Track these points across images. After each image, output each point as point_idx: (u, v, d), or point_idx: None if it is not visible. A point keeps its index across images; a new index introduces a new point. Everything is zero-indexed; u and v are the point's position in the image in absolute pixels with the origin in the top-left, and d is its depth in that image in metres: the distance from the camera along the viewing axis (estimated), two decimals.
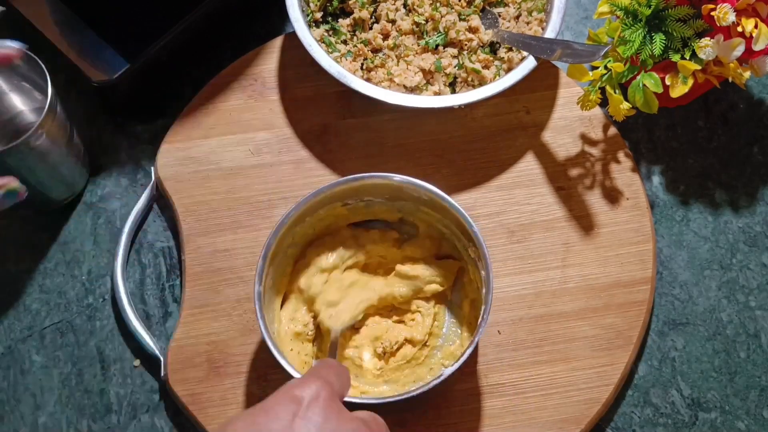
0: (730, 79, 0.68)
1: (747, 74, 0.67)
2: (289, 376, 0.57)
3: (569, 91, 0.74)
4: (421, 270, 0.66)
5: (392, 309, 0.68)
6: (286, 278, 0.66)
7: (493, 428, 0.64)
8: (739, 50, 0.65)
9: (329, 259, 0.66)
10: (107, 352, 0.68)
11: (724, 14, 0.63)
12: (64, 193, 0.71)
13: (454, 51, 0.73)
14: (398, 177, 0.64)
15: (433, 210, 0.65)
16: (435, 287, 0.66)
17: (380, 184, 0.65)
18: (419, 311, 0.67)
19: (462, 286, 0.68)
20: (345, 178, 0.64)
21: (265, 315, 0.60)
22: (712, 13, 0.64)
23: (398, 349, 0.66)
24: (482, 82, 0.72)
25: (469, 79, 0.72)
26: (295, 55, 0.74)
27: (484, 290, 0.61)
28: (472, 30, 0.73)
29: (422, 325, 0.66)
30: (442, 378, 0.57)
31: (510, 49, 0.73)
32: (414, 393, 0.57)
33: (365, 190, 0.65)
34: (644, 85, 0.66)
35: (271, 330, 0.60)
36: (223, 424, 0.50)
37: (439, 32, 0.73)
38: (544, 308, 0.67)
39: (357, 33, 0.74)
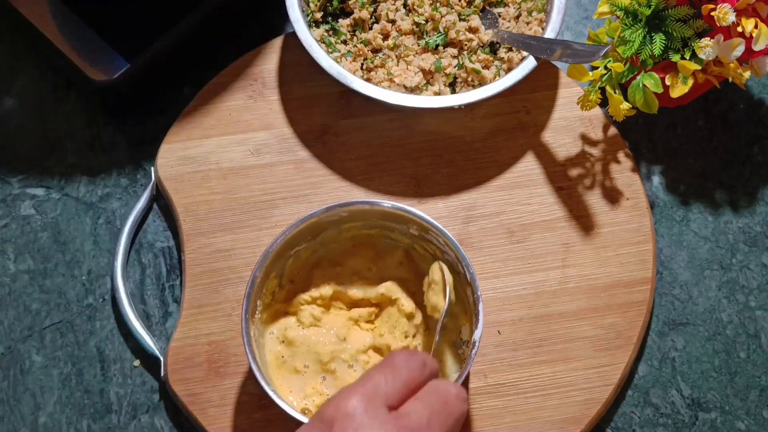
0: (730, 79, 0.68)
1: (747, 74, 0.67)
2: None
3: (569, 91, 0.74)
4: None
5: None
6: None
7: (493, 428, 0.64)
8: (739, 50, 0.65)
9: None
10: (107, 352, 0.68)
11: (724, 14, 0.63)
12: None
13: (454, 51, 0.73)
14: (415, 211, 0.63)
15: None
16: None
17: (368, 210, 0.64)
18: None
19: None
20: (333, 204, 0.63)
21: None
22: (712, 13, 0.64)
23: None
24: (482, 82, 0.72)
25: (469, 79, 0.72)
26: (295, 55, 0.74)
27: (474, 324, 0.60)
28: (472, 30, 0.73)
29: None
30: None
31: (510, 49, 0.73)
32: None
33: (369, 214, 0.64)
34: (644, 85, 0.66)
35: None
36: None
37: (439, 32, 0.73)
38: (544, 308, 0.67)
39: (357, 33, 0.74)
